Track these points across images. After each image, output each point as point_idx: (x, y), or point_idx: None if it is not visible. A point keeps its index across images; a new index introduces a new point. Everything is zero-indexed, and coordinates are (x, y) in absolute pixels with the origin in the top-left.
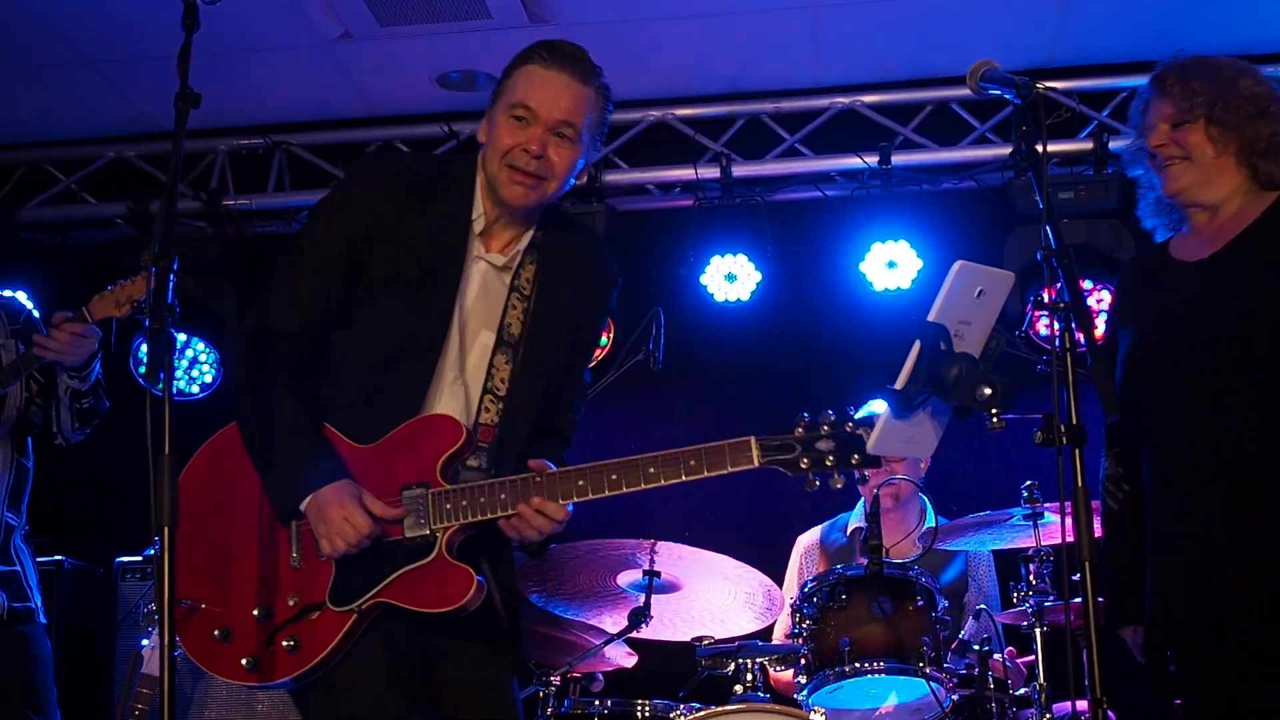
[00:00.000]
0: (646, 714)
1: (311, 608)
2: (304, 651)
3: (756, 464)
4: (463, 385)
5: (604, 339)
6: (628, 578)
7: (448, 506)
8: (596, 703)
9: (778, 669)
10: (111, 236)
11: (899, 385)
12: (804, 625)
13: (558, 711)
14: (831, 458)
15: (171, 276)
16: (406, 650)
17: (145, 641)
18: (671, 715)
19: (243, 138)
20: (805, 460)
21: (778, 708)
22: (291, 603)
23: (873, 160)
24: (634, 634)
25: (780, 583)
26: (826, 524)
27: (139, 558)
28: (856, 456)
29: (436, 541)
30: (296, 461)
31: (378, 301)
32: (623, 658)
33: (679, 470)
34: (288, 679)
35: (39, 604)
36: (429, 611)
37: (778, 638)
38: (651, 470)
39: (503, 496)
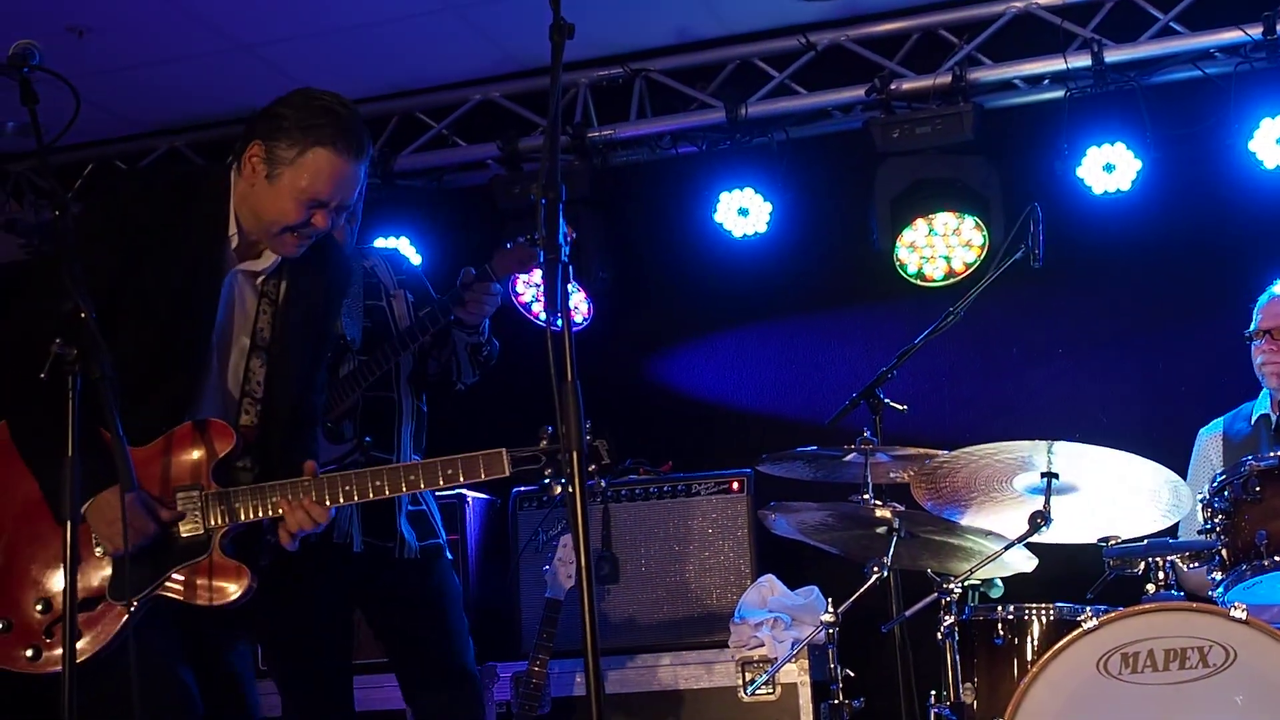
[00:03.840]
0: (1051, 618)
1: (91, 601)
2: (83, 642)
3: (507, 472)
4: (223, 390)
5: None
6: (1024, 480)
7: (221, 508)
8: (999, 609)
9: (1190, 566)
10: (483, 178)
11: None
12: (1216, 520)
13: (959, 619)
14: None
15: (561, 207)
16: (180, 642)
17: (546, 568)
18: (1079, 619)
19: (602, 69)
20: (549, 469)
21: (1195, 605)
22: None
23: (1256, 32)
24: (1034, 538)
25: (1183, 478)
26: (1229, 415)
27: (535, 487)
28: (594, 467)
29: (211, 540)
30: (80, 464)
31: (141, 314)
32: (1022, 562)
33: (436, 478)
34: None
35: (444, 540)
36: (204, 606)
37: (1185, 534)
38: (411, 478)
39: (274, 499)
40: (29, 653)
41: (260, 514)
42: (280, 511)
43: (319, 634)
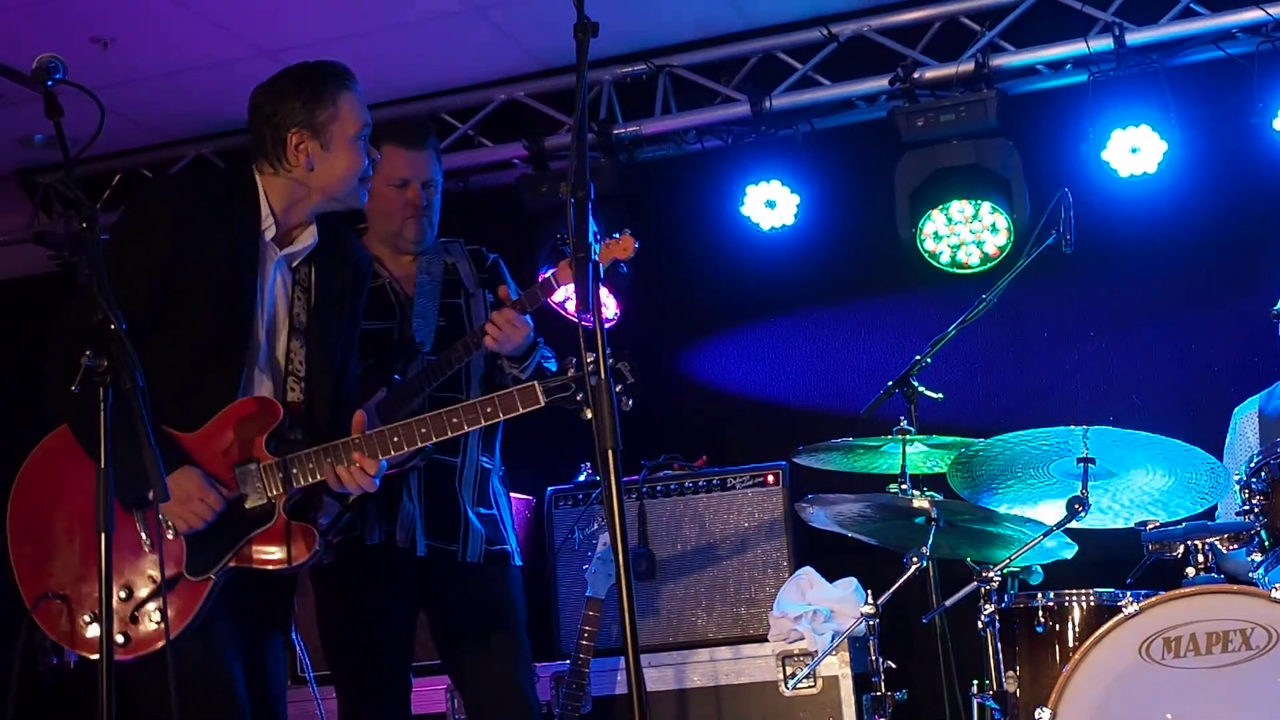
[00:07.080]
0: (1092, 604)
1: (170, 581)
2: (171, 619)
3: (542, 403)
4: (270, 371)
5: (1003, 234)
6: (1060, 466)
7: (280, 476)
8: (1039, 596)
9: (1230, 548)
10: (510, 178)
11: None
12: (1254, 501)
13: (999, 607)
14: None
15: (590, 205)
16: (236, 640)
17: (586, 567)
18: (1119, 604)
19: (625, 65)
20: (580, 394)
21: (1236, 588)
22: (150, 579)
23: (1277, 11)
24: (1072, 524)
25: (1219, 458)
26: (1264, 393)
27: (570, 485)
28: (620, 387)
29: (275, 508)
30: (136, 454)
31: (189, 306)
32: (1061, 549)
33: (478, 417)
34: (156, 646)
35: (513, 547)
36: (278, 569)
37: (1223, 516)
38: (455, 420)
39: (327, 461)
40: (119, 639)
41: (317, 476)
42: (334, 473)
43: (380, 638)
